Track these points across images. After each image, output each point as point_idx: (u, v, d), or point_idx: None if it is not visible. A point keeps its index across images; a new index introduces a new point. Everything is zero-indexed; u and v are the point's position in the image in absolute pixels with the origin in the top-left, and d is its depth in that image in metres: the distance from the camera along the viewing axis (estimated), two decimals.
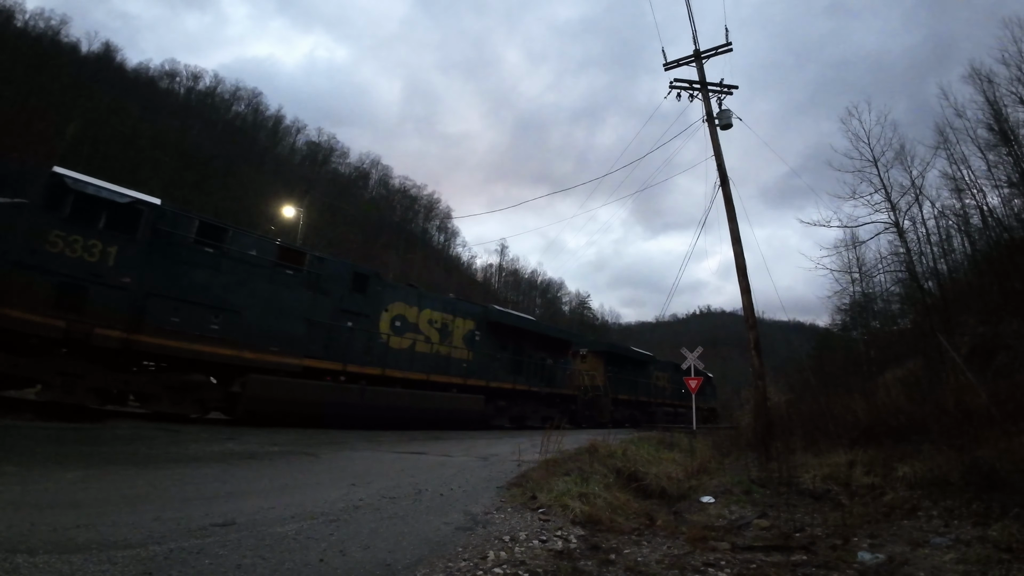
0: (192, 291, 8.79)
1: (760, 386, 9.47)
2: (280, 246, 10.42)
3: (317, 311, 10.43)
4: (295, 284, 10.20)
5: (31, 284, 7.26)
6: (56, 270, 7.48)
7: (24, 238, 7.32)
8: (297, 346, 9.98)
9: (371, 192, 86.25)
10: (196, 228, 9.08)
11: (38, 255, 7.38)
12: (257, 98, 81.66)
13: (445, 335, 13.29)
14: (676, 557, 3.16)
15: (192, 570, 2.26)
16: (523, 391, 15.31)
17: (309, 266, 10.43)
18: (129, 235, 8.20)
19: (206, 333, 8.82)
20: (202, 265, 9.02)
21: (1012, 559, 3.12)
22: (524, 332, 15.82)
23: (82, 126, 43.86)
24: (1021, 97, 15.84)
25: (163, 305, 8.43)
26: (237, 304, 9.26)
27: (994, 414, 5.97)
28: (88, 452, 5.24)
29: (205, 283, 8.99)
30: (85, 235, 7.78)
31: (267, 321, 9.62)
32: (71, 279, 7.58)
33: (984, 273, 17.18)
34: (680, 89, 11.40)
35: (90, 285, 7.73)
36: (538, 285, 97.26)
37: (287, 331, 9.88)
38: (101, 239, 7.91)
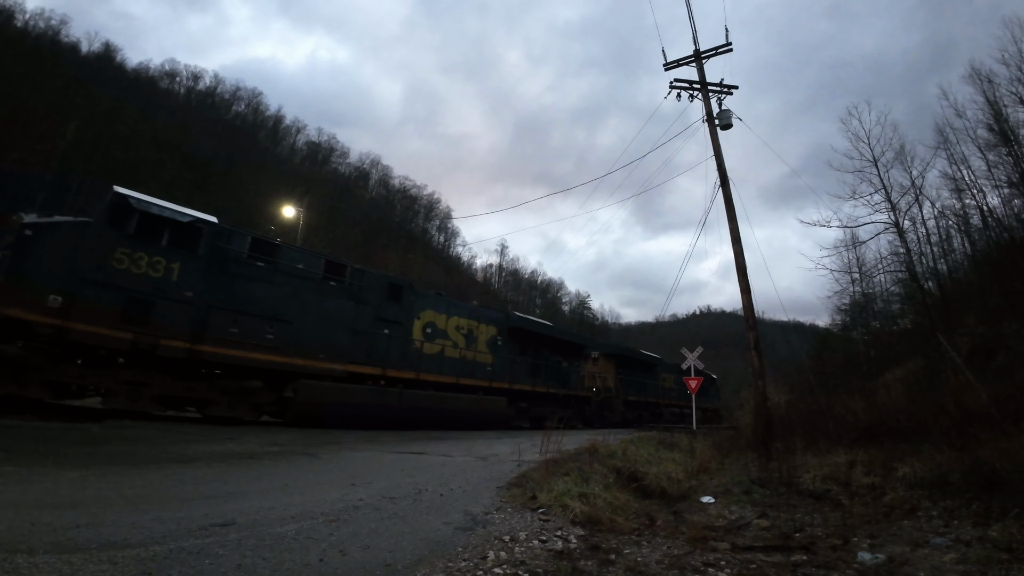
0: (248, 303, 9.40)
1: (760, 386, 9.46)
2: (325, 259, 11.08)
3: (358, 320, 11.12)
4: (338, 295, 10.88)
5: (99, 299, 7.68)
6: (123, 286, 7.95)
7: (90, 256, 7.72)
8: (342, 353, 10.66)
9: (371, 192, 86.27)
10: (249, 244, 9.72)
11: (105, 272, 7.81)
12: (257, 98, 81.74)
13: (471, 340, 14.05)
14: (676, 557, 3.16)
15: (192, 570, 2.26)
16: (542, 393, 15.93)
17: (350, 278, 11.13)
18: (190, 252, 8.78)
19: (262, 342, 9.44)
20: (256, 279, 9.64)
21: (1012, 559, 3.12)
22: (542, 337, 16.50)
23: (82, 126, 43.86)
24: (1021, 97, 15.85)
25: (223, 317, 9.01)
26: (289, 315, 9.90)
27: (994, 414, 5.97)
28: (88, 452, 5.23)
29: (260, 296, 9.61)
30: (149, 252, 8.30)
31: (315, 330, 10.27)
32: (137, 294, 8.08)
33: (984, 273, 17.19)
34: (680, 89, 11.40)
35: (155, 299, 8.26)
36: (538, 285, 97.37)
37: (333, 339, 10.53)
38: (165, 256, 8.46)
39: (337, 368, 10.47)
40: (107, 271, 7.82)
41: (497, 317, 15.41)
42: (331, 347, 10.46)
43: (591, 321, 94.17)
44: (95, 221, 7.87)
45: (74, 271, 7.53)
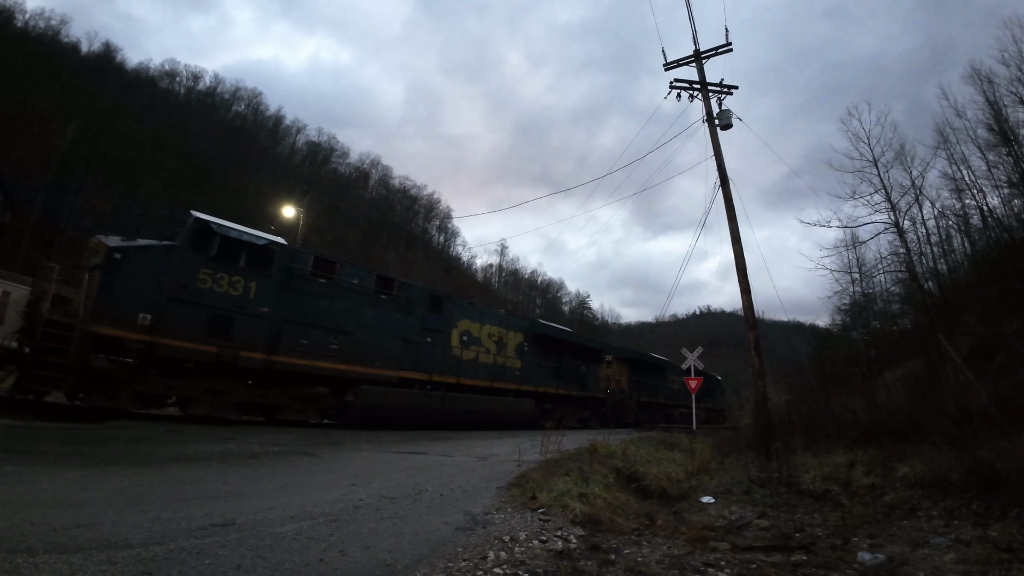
0: (315, 317, 10.22)
1: (760, 386, 9.46)
2: (376, 275, 11.93)
3: (406, 330, 12.06)
4: (389, 307, 11.80)
5: (185, 316, 8.38)
6: (206, 303, 8.67)
7: (176, 276, 8.38)
8: (394, 360, 11.61)
9: (371, 192, 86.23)
10: (312, 262, 10.46)
11: (190, 291, 8.49)
12: (257, 98, 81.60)
13: (501, 347, 15.02)
14: (676, 557, 3.16)
15: (192, 570, 2.26)
16: (564, 395, 16.94)
17: (398, 291, 12.03)
18: (265, 271, 9.54)
19: (327, 352, 10.31)
20: (320, 295, 10.46)
21: (1012, 559, 3.12)
22: (563, 342, 17.58)
23: (82, 126, 43.85)
24: (1021, 97, 15.84)
25: (294, 330, 9.84)
26: (348, 326, 10.76)
27: (994, 414, 5.98)
28: (88, 452, 5.23)
29: (324, 310, 10.43)
30: (229, 272, 9.02)
31: (371, 340, 11.15)
32: (219, 311, 8.82)
33: (984, 273, 17.18)
34: (680, 89, 11.39)
35: (235, 315, 9.01)
36: (538, 285, 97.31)
37: (386, 348, 11.48)
38: (243, 276, 9.20)
39: (391, 374, 11.43)
40: (192, 290, 8.52)
41: (523, 325, 16.45)
42: (385, 355, 11.38)
43: (591, 321, 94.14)
44: (180, 244, 8.53)
45: (161, 291, 8.18)
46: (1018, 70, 15.96)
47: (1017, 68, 15.99)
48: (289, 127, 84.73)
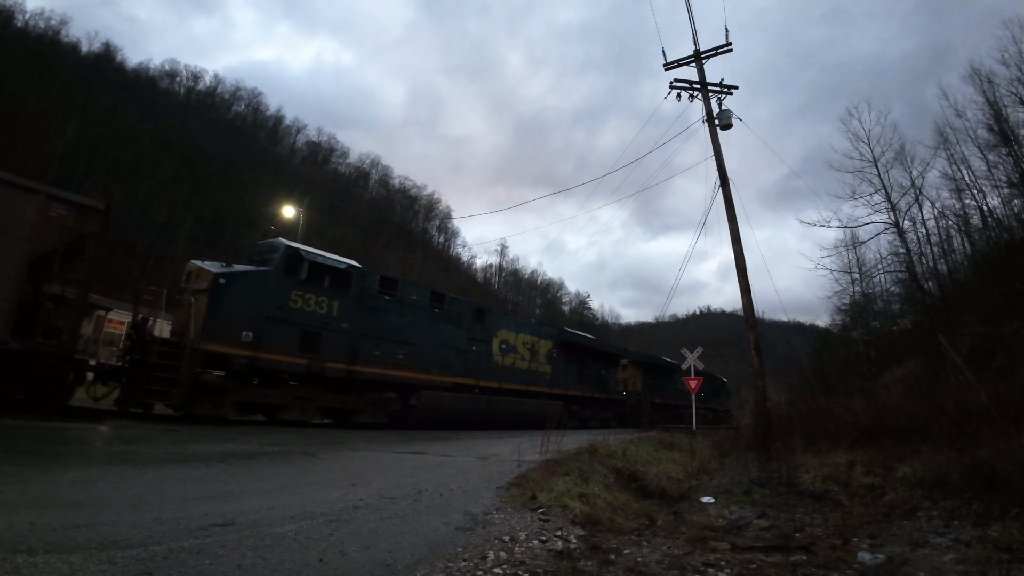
0: (385, 331, 11.41)
1: (760, 386, 9.47)
2: (431, 291, 13.28)
3: (457, 340, 13.37)
4: (442, 320, 13.10)
5: (280, 333, 9.46)
6: (298, 321, 9.77)
7: (272, 298, 9.46)
8: (448, 368, 12.86)
9: (371, 192, 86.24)
10: (379, 281, 11.63)
11: (284, 311, 9.61)
12: (257, 98, 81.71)
13: (533, 354, 16.36)
14: (676, 557, 3.16)
15: (192, 570, 2.26)
16: (588, 397, 18.38)
17: (448, 305, 13.39)
18: (345, 291, 10.72)
19: (396, 362, 11.49)
20: (388, 311, 11.65)
21: (1012, 559, 3.12)
22: (586, 348, 18.99)
23: (82, 126, 43.85)
24: (1021, 97, 15.85)
25: (369, 343, 10.98)
26: (412, 338, 12.01)
27: (994, 414, 5.97)
28: (88, 452, 5.24)
29: (392, 324, 11.63)
30: (316, 294, 10.13)
31: (429, 350, 12.42)
32: (309, 328, 9.91)
33: (984, 273, 17.19)
34: (680, 89, 11.40)
35: (322, 331, 10.14)
36: (538, 285, 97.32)
37: (442, 357, 12.75)
38: (327, 296, 10.33)
39: (447, 380, 12.69)
40: (286, 310, 9.64)
41: (552, 333, 17.81)
42: (441, 363, 12.68)
43: (591, 321, 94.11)
44: (274, 270, 9.62)
45: (260, 311, 9.23)
46: (1018, 70, 15.98)
47: (1017, 68, 16.01)
48: (289, 127, 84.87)
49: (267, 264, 9.81)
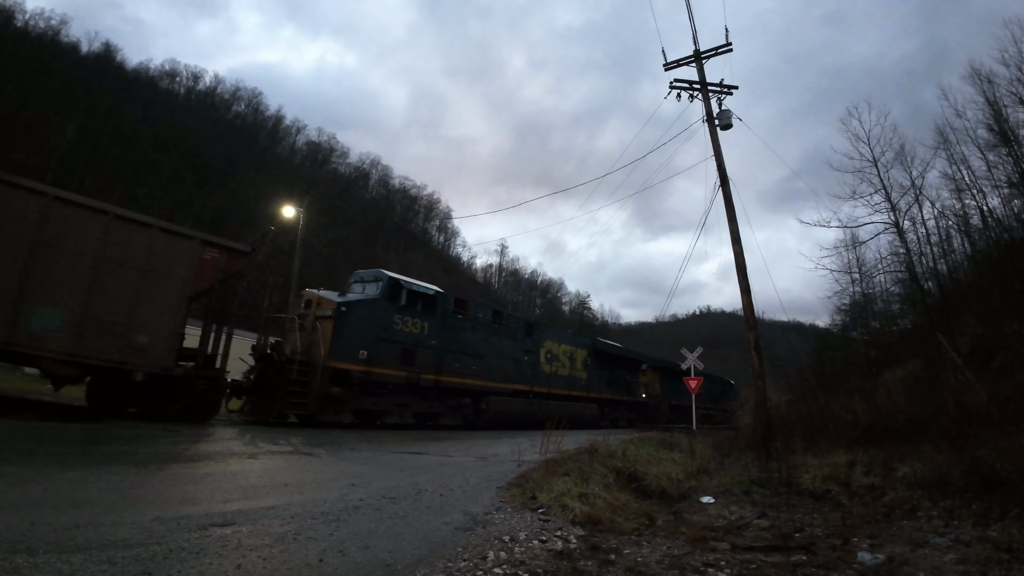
0: (462, 346, 13.26)
1: (760, 386, 9.46)
2: (492, 309, 15.58)
3: (513, 351, 15.29)
4: (502, 334, 15.00)
5: (386, 351, 11.26)
6: (399, 340, 11.58)
7: (380, 322, 11.24)
8: (509, 376, 14.83)
9: (371, 192, 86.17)
10: (453, 303, 13.41)
11: (388, 332, 11.37)
12: (257, 98, 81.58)
13: (572, 362, 18.15)
14: (676, 557, 3.16)
15: (192, 570, 2.26)
16: (616, 400, 20.35)
17: (505, 321, 15.42)
18: (432, 314, 12.53)
19: (470, 372, 13.38)
20: (463, 329, 13.50)
21: (1012, 559, 3.12)
22: (614, 356, 20.92)
23: (82, 126, 43.83)
24: (1021, 97, 15.84)
25: (450, 357, 12.82)
26: (481, 352, 13.90)
27: (994, 414, 5.97)
28: (88, 452, 5.24)
29: (466, 340, 13.49)
30: (412, 316, 11.96)
31: (494, 361, 14.32)
32: (407, 345, 11.74)
33: (984, 273, 17.18)
34: (680, 89, 11.39)
35: (416, 348, 11.93)
36: (538, 285, 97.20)
37: (503, 367, 14.67)
38: (420, 318, 12.15)
39: (508, 387, 14.68)
40: (390, 331, 11.39)
41: (586, 342, 19.82)
42: (503, 372, 14.60)
43: (591, 321, 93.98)
44: (380, 298, 11.40)
45: (371, 333, 10.97)
46: (1018, 70, 15.96)
47: (1017, 68, 15.99)
48: (289, 127, 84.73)
49: (370, 291, 11.75)
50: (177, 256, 8.63)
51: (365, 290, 11.95)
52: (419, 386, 11.90)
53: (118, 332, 7.88)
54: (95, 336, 7.67)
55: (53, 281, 7.45)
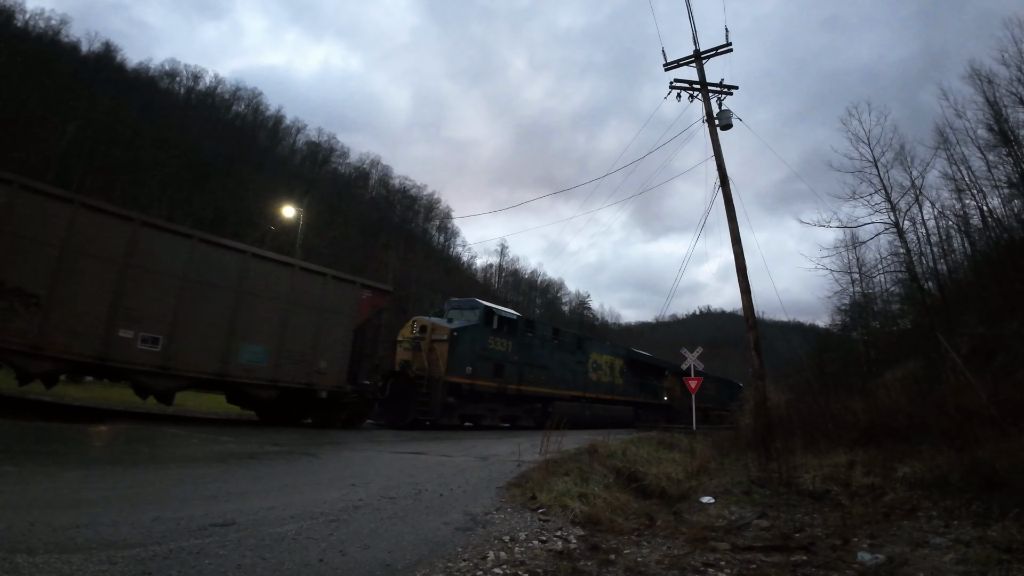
0: (534, 360, 16.08)
1: (760, 386, 9.46)
2: (552, 327, 18.18)
3: (568, 362, 18.00)
4: (560, 349, 17.68)
5: (484, 367, 14.02)
6: (492, 358, 14.35)
7: (480, 343, 14.00)
8: (567, 384, 17.61)
9: (371, 192, 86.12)
10: (524, 323, 16.20)
11: (485, 351, 14.12)
12: (257, 98, 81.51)
13: (611, 370, 20.95)
14: (676, 557, 3.16)
15: (192, 570, 2.26)
16: (646, 403, 23.20)
17: (561, 337, 18.06)
18: (513, 334, 15.40)
19: (540, 381, 16.20)
20: (534, 345, 16.29)
21: (1012, 559, 3.12)
22: (644, 363, 23.68)
23: (82, 126, 43.82)
24: (1021, 97, 15.84)
25: (527, 369, 15.67)
26: (547, 364, 16.67)
27: (994, 414, 5.97)
28: (88, 452, 5.23)
29: (536, 355, 16.31)
30: (500, 337, 14.76)
31: (557, 372, 17.10)
32: (497, 362, 14.56)
33: (984, 273, 17.19)
34: (680, 89, 11.39)
35: (504, 363, 14.78)
36: (538, 285, 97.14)
37: (563, 376, 17.48)
38: (505, 339, 15.02)
39: (567, 394, 17.41)
40: (486, 351, 14.17)
41: (621, 352, 22.63)
42: (563, 381, 17.35)
43: (591, 321, 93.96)
44: (479, 323, 14.19)
45: (473, 352, 13.69)
46: (1018, 70, 15.97)
47: (1017, 68, 16.01)
48: (289, 127, 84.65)
49: (468, 317, 14.42)
50: (344, 297, 10.91)
51: (464, 316, 14.62)
52: (506, 394, 14.73)
53: (305, 360, 9.98)
54: (289, 364, 9.74)
55: (259, 322, 9.45)
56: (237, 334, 9.07)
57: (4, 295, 7.15)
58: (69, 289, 7.57)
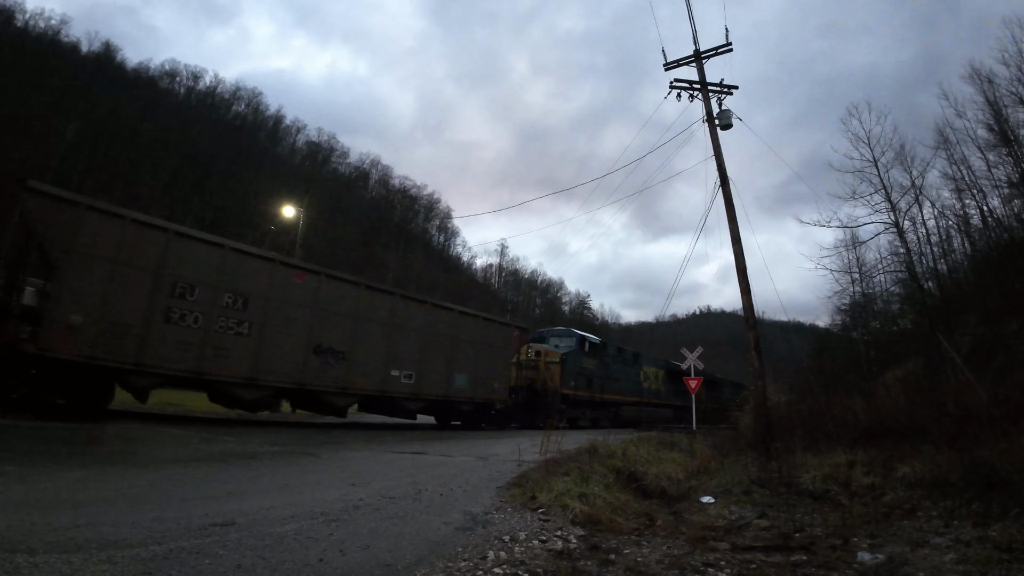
0: (609, 374, 21.01)
1: (760, 386, 9.46)
2: (617, 347, 23.88)
3: (629, 374, 23.11)
4: (623, 364, 22.98)
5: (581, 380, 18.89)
6: (585, 373, 19.19)
7: (577, 363, 18.76)
8: (629, 391, 22.61)
9: (371, 192, 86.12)
10: (603, 345, 21.51)
11: (580, 368, 18.94)
12: (257, 98, 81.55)
13: (656, 379, 25.96)
14: (676, 557, 3.16)
15: (192, 570, 2.26)
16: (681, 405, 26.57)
17: (623, 354, 23.25)
18: (596, 354, 20.48)
19: (613, 391, 21.01)
20: (607, 362, 21.26)
21: (1012, 559, 3.12)
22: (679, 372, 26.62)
23: (82, 126, 43.82)
24: (1021, 97, 15.83)
25: (605, 382, 20.51)
26: (617, 377, 21.70)
27: (994, 414, 5.97)
28: (88, 452, 5.24)
29: (610, 369, 21.26)
30: (589, 357, 19.83)
31: (625, 382, 22.26)
32: (589, 377, 19.42)
33: (984, 273, 17.18)
34: (680, 89, 11.38)
35: (593, 378, 19.63)
36: (538, 285, 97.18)
37: (628, 385, 22.70)
38: (593, 359, 20.09)
39: (630, 400, 22.50)
40: (580, 368, 18.99)
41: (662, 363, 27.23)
42: (627, 389, 22.36)
43: (591, 321, 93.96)
44: (576, 348, 19.13)
45: (574, 370, 18.43)
46: (1018, 70, 15.95)
47: (1017, 68, 15.98)
48: (289, 127, 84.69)
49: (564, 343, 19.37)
50: (505, 337, 15.27)
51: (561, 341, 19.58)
52: (593, 401, 19.46)
53: (487, 382, 14.20)
54: (480, 386, 13.95)
55: (463, 359, 13.60)
56: (452, 368, 13.18)
57: (321, 353, 10.31)
58: (361, 346, 11.09)
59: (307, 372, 10.01)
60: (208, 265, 8.85)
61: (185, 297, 8.55)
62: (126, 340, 7.89)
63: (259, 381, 9.29)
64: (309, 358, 10.07)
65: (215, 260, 8.95)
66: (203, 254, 8.87)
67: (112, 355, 7.73)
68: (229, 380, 8.95)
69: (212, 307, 8.80)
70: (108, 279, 7.77)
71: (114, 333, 7.77)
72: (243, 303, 9.19)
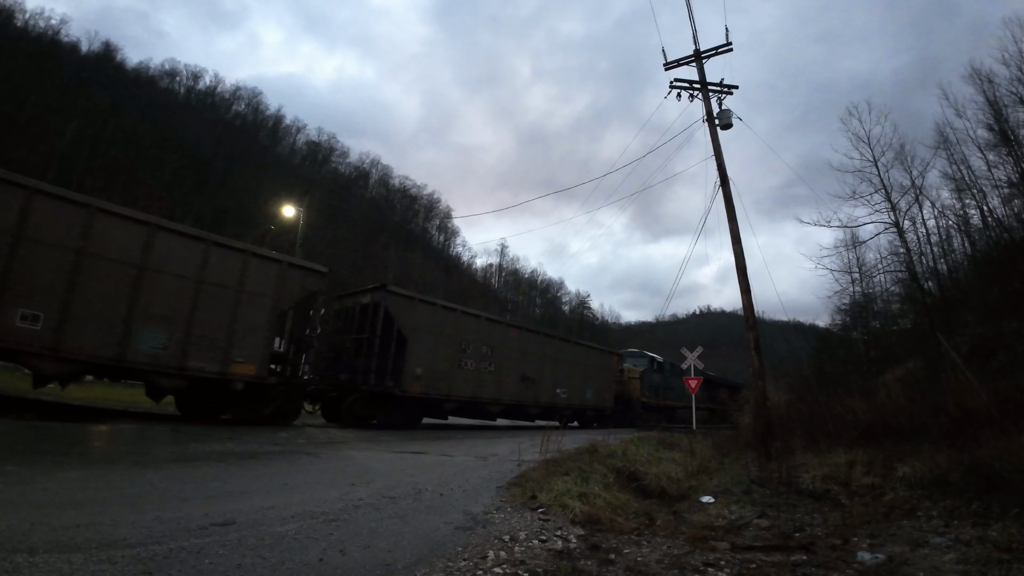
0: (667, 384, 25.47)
1: (760, 386, 9.45)
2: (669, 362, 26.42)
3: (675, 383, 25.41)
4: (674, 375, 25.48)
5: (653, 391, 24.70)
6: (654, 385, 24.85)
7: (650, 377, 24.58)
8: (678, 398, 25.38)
9: (371, 192, 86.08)
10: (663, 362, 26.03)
11: (652, 381, 24.63)
12: (257, 98, 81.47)
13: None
14: (676, 557, 3.16)
15: (192, 570, 2.26)
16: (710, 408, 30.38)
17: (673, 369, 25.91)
18: (660, 370, 25.57)
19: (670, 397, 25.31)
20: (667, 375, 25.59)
21: (1012, 559, 3.12)
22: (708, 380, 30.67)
23: (82, 126, 43.81)
24: (1021, 97, 15.83)
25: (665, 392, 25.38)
26: (672, 387, 25.38)
27: (994, 414, 5.96)
28: (88, 452, 5.24)
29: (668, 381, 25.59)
30: (655, 373, 25.23)
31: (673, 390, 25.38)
32: (655, 387, 24.90)
33: (984, 273, 17.18)
34: (680, 89, 11.37)
35: (660, 388, 25.21)
36: (538, 285, 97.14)
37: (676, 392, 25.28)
38: (660, 374, 25.52)
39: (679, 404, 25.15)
40: (652, 381, 24.52)
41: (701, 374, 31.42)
42: (676, 396, 25.35)
43: (591, 321, 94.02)
44: (648, 367, 24.78)
45: (649, 383, 24.05)
46: (1018, 70, 15.95)
47: (1017, 68, 15.98)
48: (289, 127, 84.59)
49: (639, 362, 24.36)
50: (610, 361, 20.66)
51: (635, 360, 24.58)
52: (659, 407, 23.67)
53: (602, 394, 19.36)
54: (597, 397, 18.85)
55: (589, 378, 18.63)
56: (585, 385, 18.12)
57: (526, 380, 15.36)
58: (542, 374, 16.04)
59: (519, 393, 14.90)
60: (475, 329, 13.71)
61: (466, 351, 13.33)
62: (441, 382, 12.50)
63: (501, 400, 14.36)
64: (518, 384, 14.92)
65: (477, 326, 13.83)
66: (472, 324, 13.71)
67: (436, 391, 12.40)
68: (487, 401, 13.85)
69: (479, 356, 13.62)
70: (432, 344, 12.37)
71: (435, 377, 12.37)
72: (491, 351, 14.02)
